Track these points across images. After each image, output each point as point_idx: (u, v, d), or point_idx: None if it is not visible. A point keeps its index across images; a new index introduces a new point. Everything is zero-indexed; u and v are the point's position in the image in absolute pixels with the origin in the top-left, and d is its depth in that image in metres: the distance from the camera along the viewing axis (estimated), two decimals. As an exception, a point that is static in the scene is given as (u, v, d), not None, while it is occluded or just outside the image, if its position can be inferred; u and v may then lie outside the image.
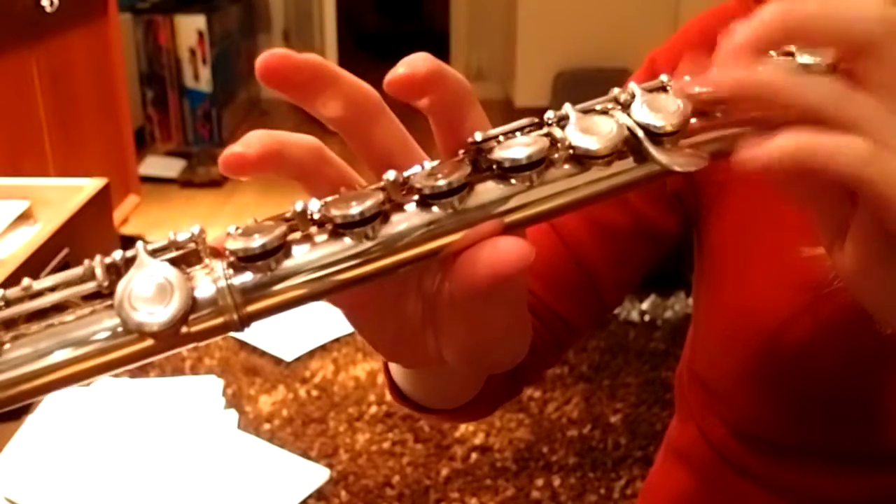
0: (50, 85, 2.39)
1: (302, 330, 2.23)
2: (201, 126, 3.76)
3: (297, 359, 2.14)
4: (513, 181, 0.31)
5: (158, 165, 3.46)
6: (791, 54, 0.34)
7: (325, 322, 2.27)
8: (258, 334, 2.20)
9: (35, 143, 2.34)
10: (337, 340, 2.21)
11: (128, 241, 2.61)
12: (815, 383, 0.55)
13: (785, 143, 0.31)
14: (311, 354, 2.16)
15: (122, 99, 2.89)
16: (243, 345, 2.19)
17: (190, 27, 3.62)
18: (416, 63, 0.31)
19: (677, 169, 0.31)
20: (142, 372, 2.07)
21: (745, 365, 0.57)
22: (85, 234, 1.79)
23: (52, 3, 2.32)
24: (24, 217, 1.85)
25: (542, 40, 3.97)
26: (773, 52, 0.34)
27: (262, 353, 2.16)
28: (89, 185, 1.93)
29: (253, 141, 0.30)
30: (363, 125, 0.33)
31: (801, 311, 0.54)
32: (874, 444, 0.56)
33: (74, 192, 1.90)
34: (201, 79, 3.69)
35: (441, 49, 4.60)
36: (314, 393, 2.02)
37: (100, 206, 1.92)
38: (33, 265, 1.59)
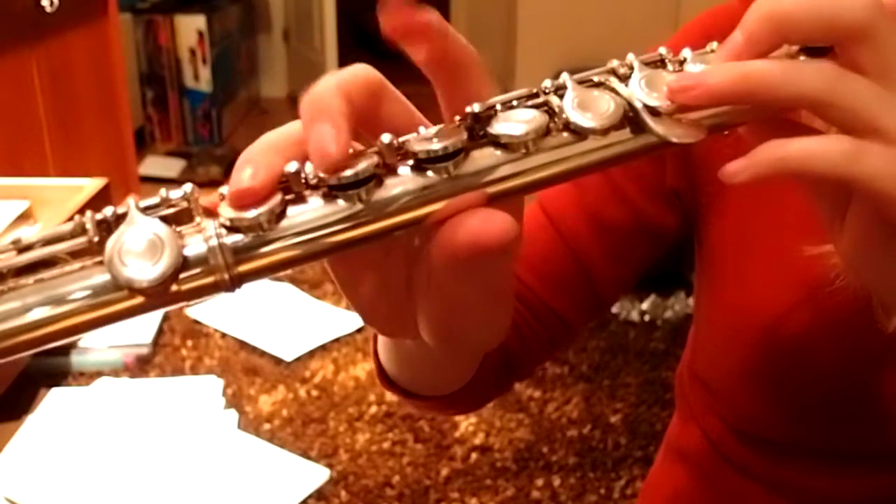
0: (50, 85, 2.39)
1: (302, 330, 2.23)
2: (201, 126, 3.76)
3: (297, 359, 2.14)
4: (509, 148, 0.30)
5: (158, 165, 3.46)
6: None
7: (325, 322, 2.27)
8: (258, 334, 2.20)
9: (35, 143, 2.34)
10: (337, 340, 2.21)
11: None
12: (815, 382, 0.55)
13: (769, 154, 0.31)
14: (311, 354, 2.16)
15: (122, 99, 2.89)
16: (243, 345, 2.19)
17: (190, 27, 3.62)
18: (420, 13, 0.30)
19: (675, 140, 0.31)
20: (142, 372, 2.07)
21: (745, 364, 0.57)
22: (85, 234, 1.79)
23: (52, 3, 2.32)
24: (24, 217, 1.85)
25: (542, 40, 3.97)
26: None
27: (262, 353, 2.16)
28: (89, 185, 1.93)
29: (257, 166, 0.29)
30: (368, 111, 0.32)
31: (796, 307, 0.54)
32: (874, 443, 0.56)
33: (74, 192, 1.90)
34: (201, 79, 3.69)
35: (441, 49, 4.58)
36: (314, 393, 2.02)
37: (100, 206, 1.91)
38: (33, 265, 1.59)
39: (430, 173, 0.29)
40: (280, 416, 1.93)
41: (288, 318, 2.28)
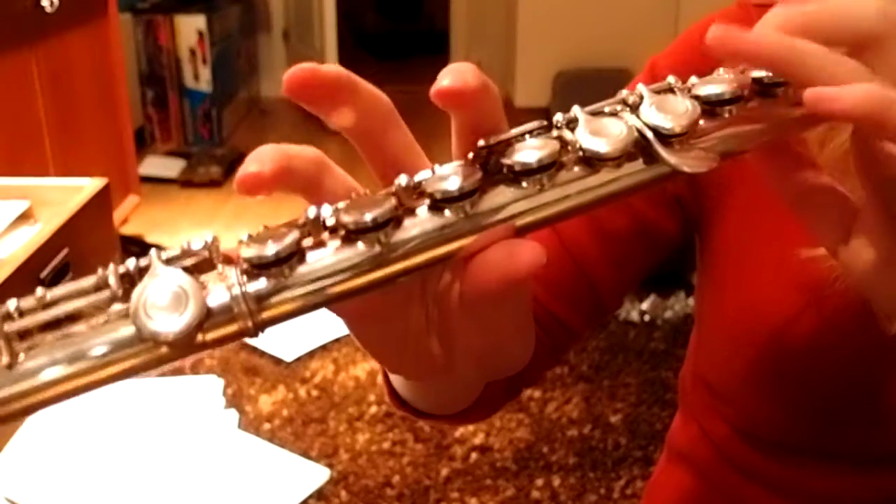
0: (50, 85, 2.39)
1: (302, 330, 2.23)
2: (201, 126, 3.76)
3: (297, 359, 2.14)
4: (524, 184, 0.30)
5: (158, 165, 3.46)
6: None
7: (325, 322, 2.27)
8: (258, 334, 2.20)
9: (35, 143, 2.34)
10: (337, 340, 2.21)
11: (128, 242, 2.61)
12: (819, 385, 0.55)
13: (861, 91, 0.31)
14: (311, 354, 2.16)
15: (122, 99, 2.89)
16: (243, 345, 2.19)
17: (190, 27, 3.62)
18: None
19: (686, 170, 0.31)
20: (142, 372, 2.07)
21: (749, 366, 0.57)
22: (85, 234, 1.79)
23: (52, 3, 2.32)
24: (24, 217, 1.85)
25: (542, 40, 3.97)
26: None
27: (262, 353, 2.16)
28: (89, 185, 1.93)
29: (265, 158, 0.30)
30: (376, 133, 0.33)
31: (803, 310, 0.54)
32: (878, 445, 0.56)
33: (74, 192, 1.90)
34: (201, 79, 3.69)
35: (441, 49, 4.59)
36: (314, 393, 2.02)
37: (100, 206, 1.92)
38: (33, 265, 1.59)
39: (447, 213, 0.30)
40: (280, 416, 1.93)
41: (288, 318, 2.28)
